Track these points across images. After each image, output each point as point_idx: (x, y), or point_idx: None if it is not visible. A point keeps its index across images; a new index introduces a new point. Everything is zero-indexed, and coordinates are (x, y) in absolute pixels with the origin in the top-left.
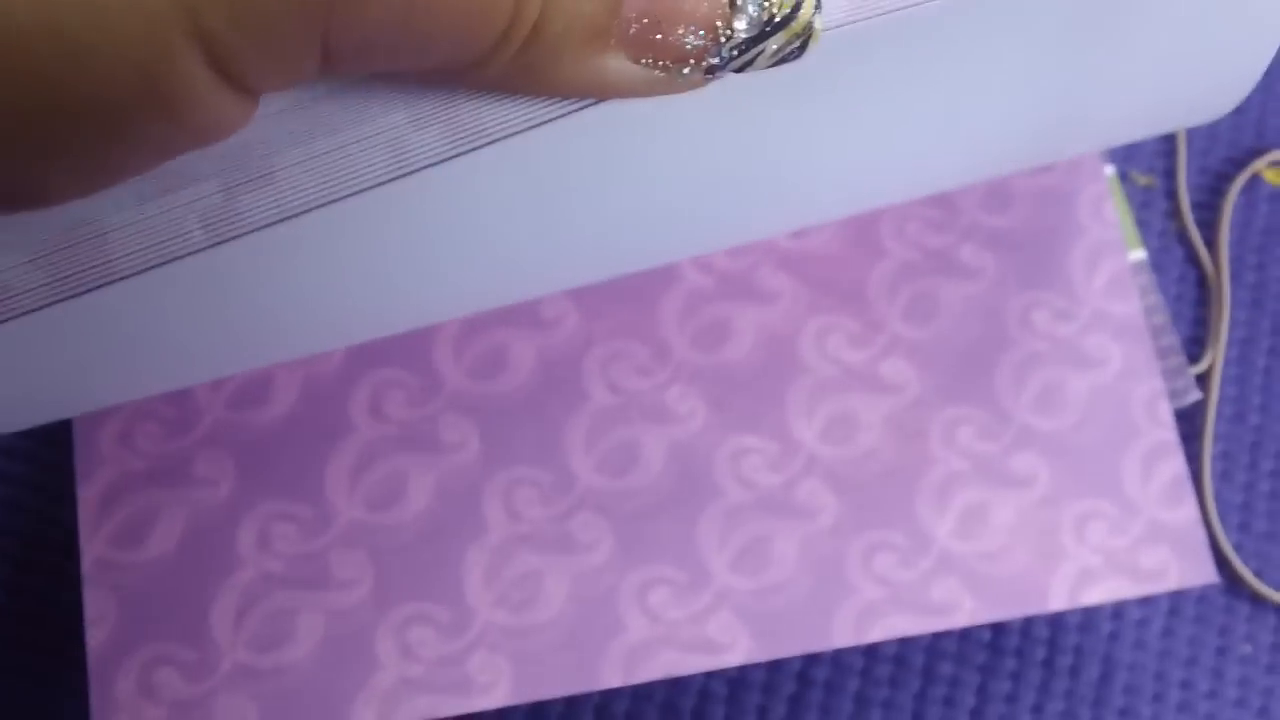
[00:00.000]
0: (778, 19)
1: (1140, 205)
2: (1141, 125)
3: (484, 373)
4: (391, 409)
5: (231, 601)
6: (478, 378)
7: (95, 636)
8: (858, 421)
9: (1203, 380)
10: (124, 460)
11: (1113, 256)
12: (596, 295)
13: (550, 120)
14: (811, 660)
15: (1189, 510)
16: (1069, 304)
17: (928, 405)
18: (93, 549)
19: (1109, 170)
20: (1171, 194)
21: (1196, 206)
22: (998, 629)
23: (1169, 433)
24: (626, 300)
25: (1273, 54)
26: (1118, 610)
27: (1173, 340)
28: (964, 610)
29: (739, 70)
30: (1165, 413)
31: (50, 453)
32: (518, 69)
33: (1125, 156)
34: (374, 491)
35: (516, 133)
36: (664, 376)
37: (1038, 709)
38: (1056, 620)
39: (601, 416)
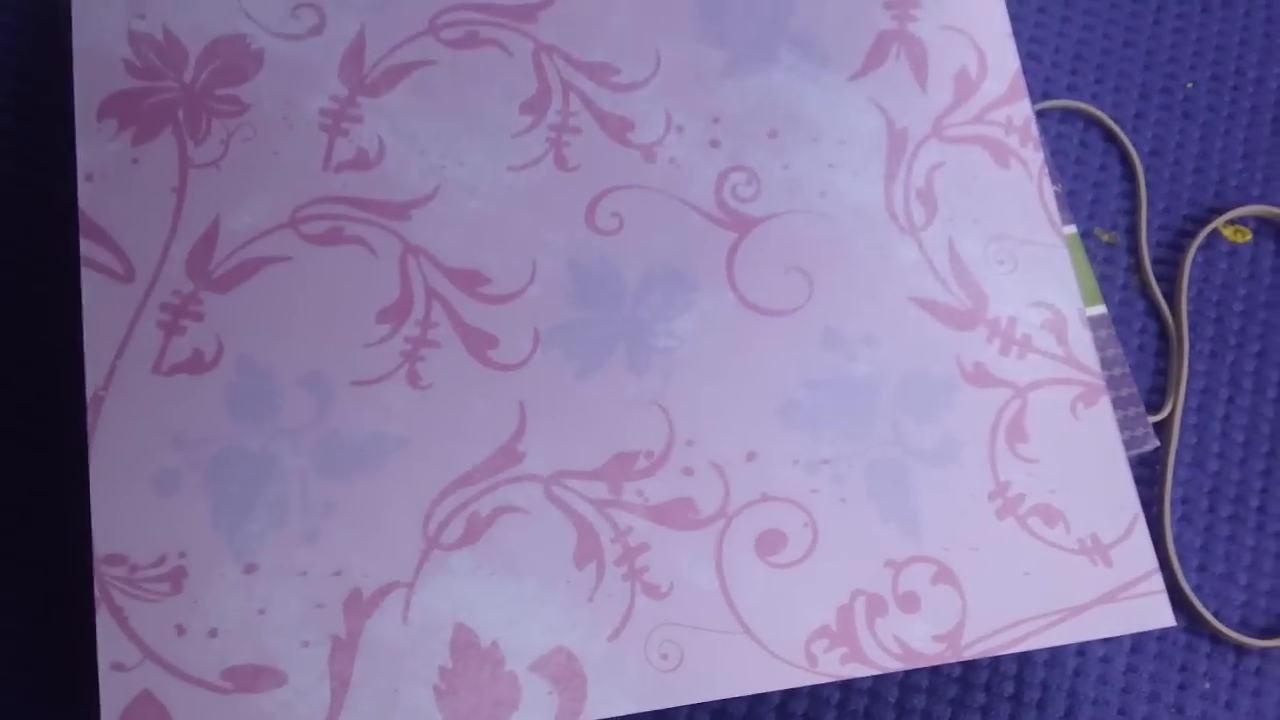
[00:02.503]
0: None
1: (1103, 260)
2: None
3: None
4: None
5: None
6: None
7: None
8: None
9: (1163, 428)
10: None
11: None
12: None
13: None
14: (790, 694)
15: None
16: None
17: None
18: None
19: (1070, 230)
20: (1134, 250)
21: (1157, 262)
22: (968, 665)
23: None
24: None
25: None
26: (1082, 648)
27: (1131, 391)
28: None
29: None
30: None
31: None
32: None
33: (1089, 214)
34: None
35: None
36: None
37: None
38: (1024, 657)
39: None
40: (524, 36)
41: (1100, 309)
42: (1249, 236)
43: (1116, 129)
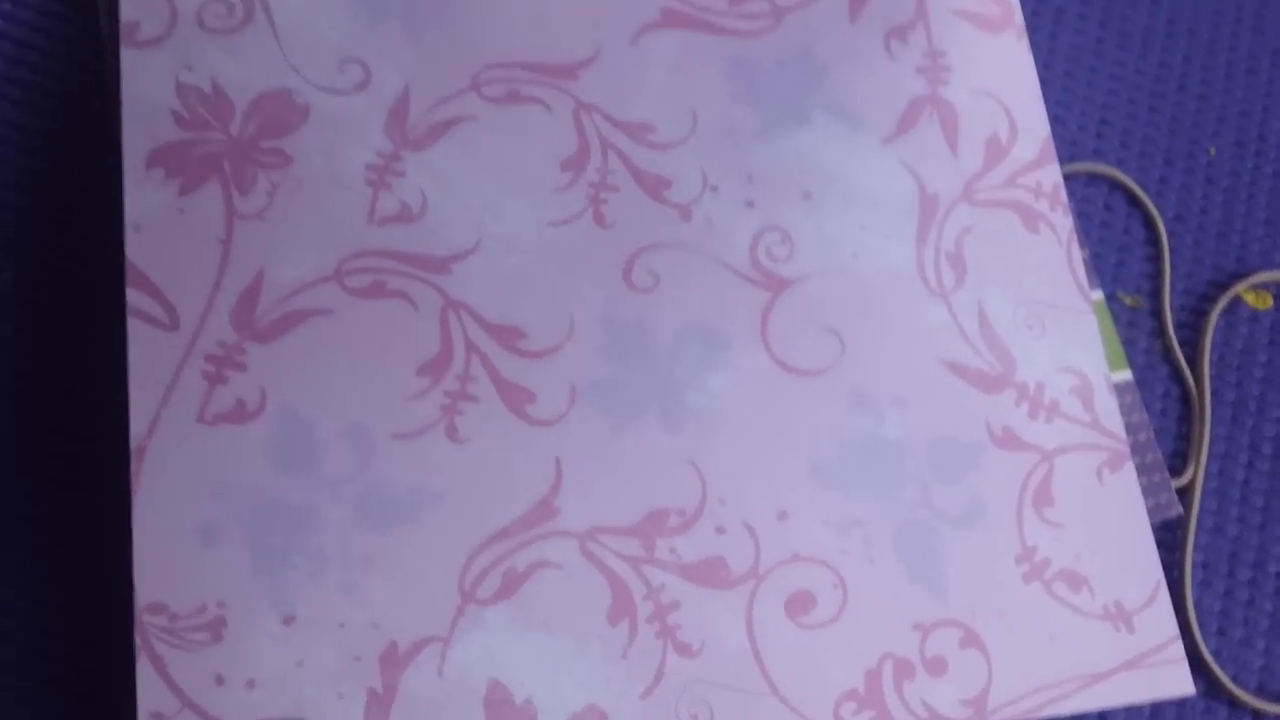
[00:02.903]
0: None
1: (1126, 324)
2: None
3: None
4: None
5: None
6: None
7: None
8: None
9: (1184, 492)
10: None
11: None
12: None
13: None
14: None
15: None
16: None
17: None
18: None
19: (1097, 294)
20: (1156, 313)
21: (1180, 326)
22: None
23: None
24: None
25: None
26: (1102, 713)
27: (1156, 457)
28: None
29: None
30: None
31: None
32: None
33: (1114, 277)
34: None
35: None
36: None
37: None
38: None
39: None
40: (565, 94)
41: (1126, 374)
42: (1270, 303)
43: (1141, 193)
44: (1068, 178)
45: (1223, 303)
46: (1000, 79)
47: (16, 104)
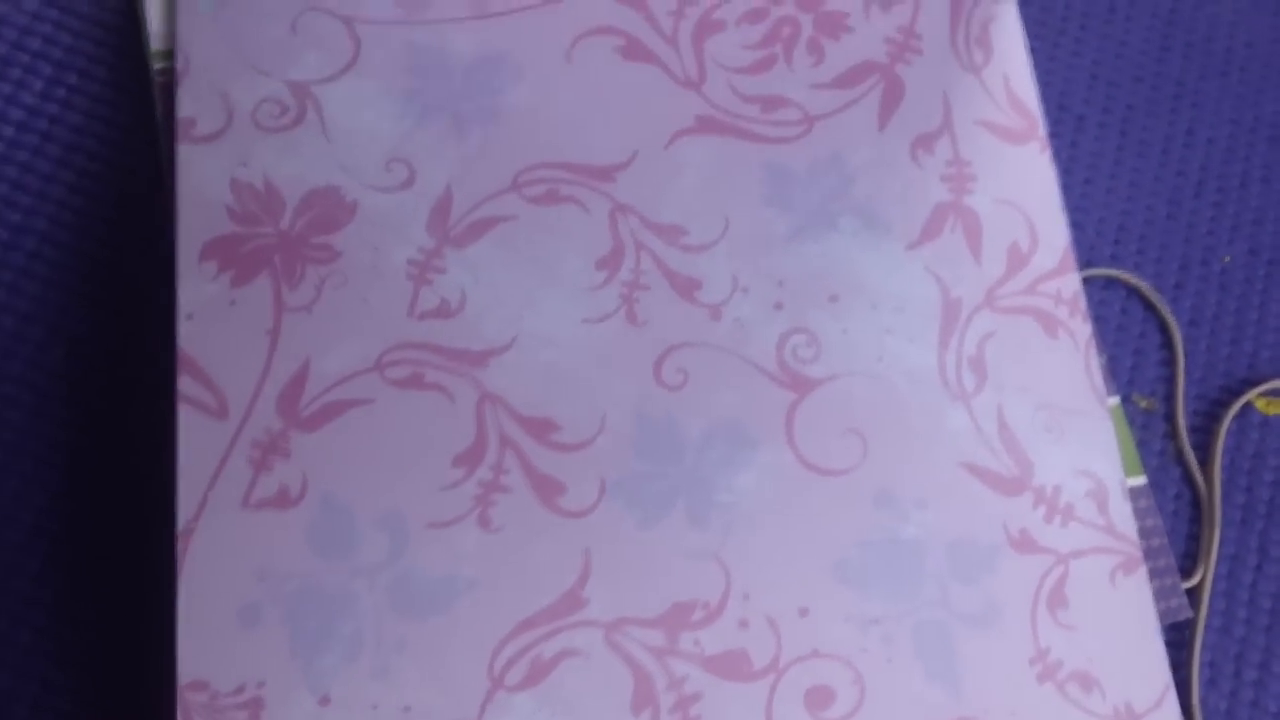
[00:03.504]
0: None
1: (1141, 427)
2: None
3: None
4: None
5: None
6: None
7: None
8: None
9: (1193, 593)
10: None
11: None
12: None
13: None
14: None
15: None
16: None
17: None
18: None
19: (1113, 400)
20: (1170, 417)
21: (1193, 430)
22: None
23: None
24: None
25: None
26: None
27: (1169, 561)
28: None
29: None
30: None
31: None
32: None
33: (1129, 380)
34: None
35: None
36: None
37: None
38: None
39: None
40: (602, 195)
41: (1141, 479)
42: None
43: (1156, 299)
44: (1085, 281)
45: (1235, 408)
46: (1023, 189)
47: (74, 190)
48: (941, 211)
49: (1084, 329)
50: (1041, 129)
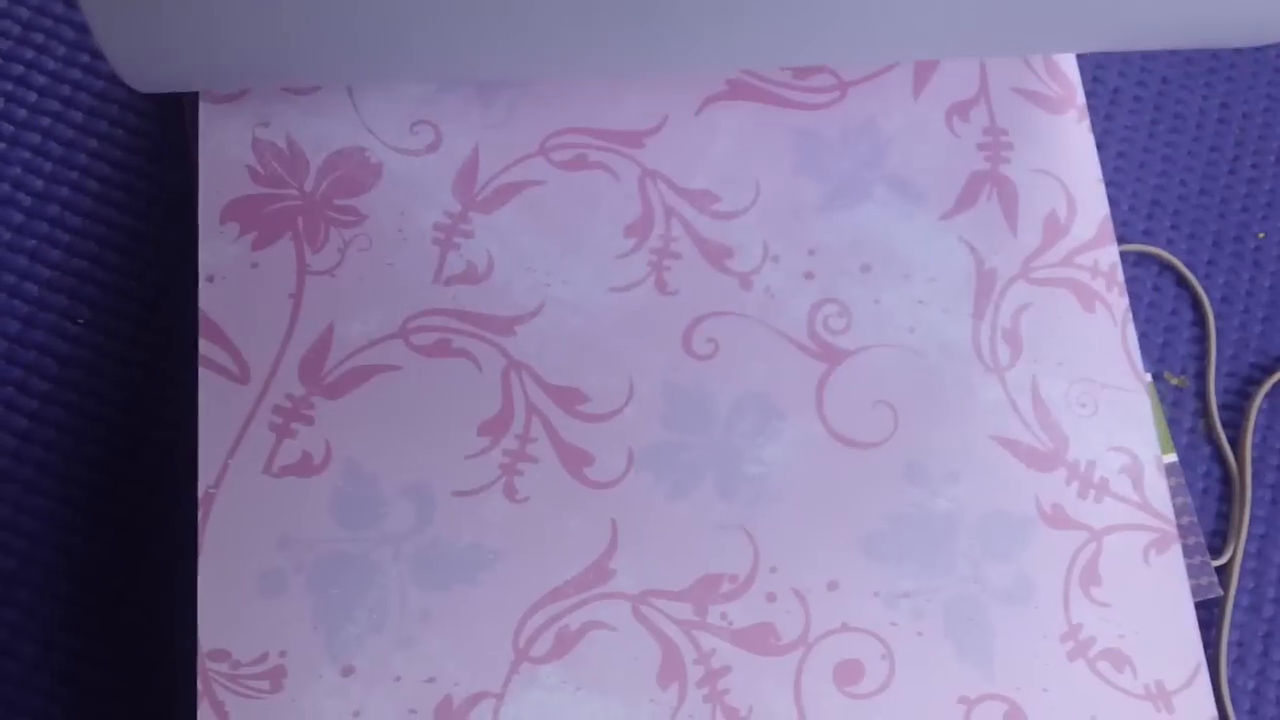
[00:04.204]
0: None
1: (1172, 404)
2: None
3: None
4: None
5: None
6: None
7: None
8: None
9: (1223, 571)
10: None
11: None
12: None
13: None
14: None
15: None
16: None
17: None
18: None
19: (1146, 377)
20: (1201, 394)
21: (1224, 408)
22: None
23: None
24: None
25: None
26: None
27: (1198, 539)
28: None
29: None
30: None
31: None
32: None
33: (1160, 357)
34: None
35: None
36: None
37: None
38: None
39: None
40: (631, 161)
41: (1171, 457)
42: None
43: (1189, 275)
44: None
45: (1267, 386)
46: (1060, 158)
47: (97, 156)
48: (977, 180)
49: (1120, 302)
50: (1080, 97)
